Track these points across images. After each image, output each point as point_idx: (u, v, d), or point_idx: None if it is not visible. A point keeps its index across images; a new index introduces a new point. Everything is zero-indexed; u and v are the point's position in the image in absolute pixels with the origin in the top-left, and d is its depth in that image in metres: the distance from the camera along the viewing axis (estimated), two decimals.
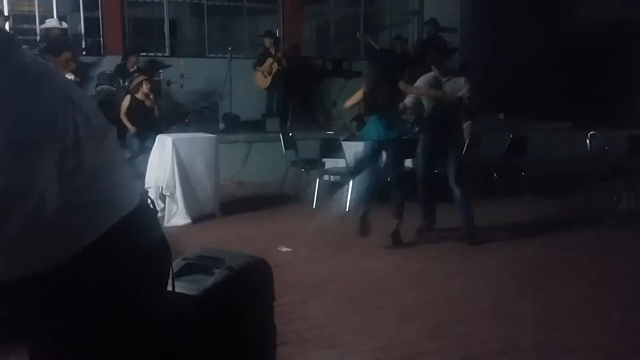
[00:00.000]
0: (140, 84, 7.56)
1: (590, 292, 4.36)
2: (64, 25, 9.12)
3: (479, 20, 11.81)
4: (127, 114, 7.55)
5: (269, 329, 2.44)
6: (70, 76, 7.79)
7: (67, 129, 1.39)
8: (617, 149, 6.85)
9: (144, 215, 1.63)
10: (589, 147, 6.27)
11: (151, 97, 7.70)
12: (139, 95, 7.53)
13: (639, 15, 11.01)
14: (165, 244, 1.70)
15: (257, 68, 10.01)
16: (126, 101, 7.62)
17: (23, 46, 1.51)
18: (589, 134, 6.34)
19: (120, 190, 1.56)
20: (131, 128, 7.52)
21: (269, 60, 9.85)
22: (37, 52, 8.79)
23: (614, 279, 4.64)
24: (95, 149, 1.46)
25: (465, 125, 7.74)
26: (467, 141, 5.79)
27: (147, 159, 6.65)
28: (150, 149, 6.73)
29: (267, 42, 10.04)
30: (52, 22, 9.01)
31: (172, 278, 1.81)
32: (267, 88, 10.03)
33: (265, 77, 9.90)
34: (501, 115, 11.23)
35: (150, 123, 7.51)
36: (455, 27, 12.19)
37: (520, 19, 10.95)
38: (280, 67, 9.87)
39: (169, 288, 1.81)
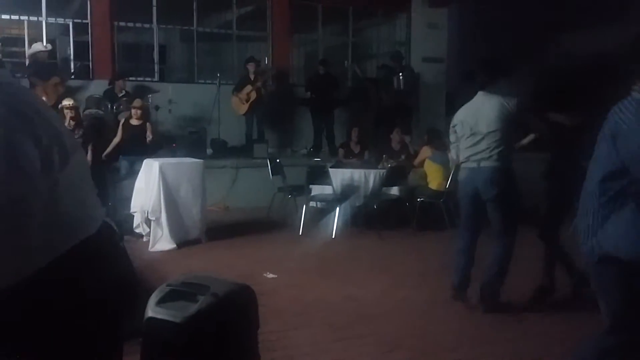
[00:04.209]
0: (134, 109, 7.67)
1: (572, 321, 4.37)
2: (49, 47, 9.16)
3: (466, 51, 12.00)
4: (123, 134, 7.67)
5: (253, 357, 2.43)
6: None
7: (51, 147, 1.41)
8: None
9: (105, 241, 1.60)
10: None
11: (148, 122, 7.80)
12: (132, 121, 7.60)
13: (616, 49, 11.25)
14: (129, 272, 1.68)
15: (235, 93, 10.02)
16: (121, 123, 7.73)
17: (2, 68, 1.51)
18: None
19: (81, 212, 1.53)
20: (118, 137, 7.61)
21: (248, 87, 9.88)
22: (26, 76, 8.89)
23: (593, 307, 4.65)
24: (62, 166, 1.46)
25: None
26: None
27: (133, 183, 6.65)
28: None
29: (250, 68, 10.05)
30: (38, 47, 9.06)
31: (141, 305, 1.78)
32: (244, 114, 10.05)
33: (243, 103, 9.94)
34: None
35: (141, 147, 7.54)
36: (442, 58, 12.41)
37: (507, 49, 11.14)
38: (258, 96, 9.90)
39: (151, 315, 1.80)
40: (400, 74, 10.62)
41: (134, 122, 7.61)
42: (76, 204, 1.52)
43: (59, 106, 7.59)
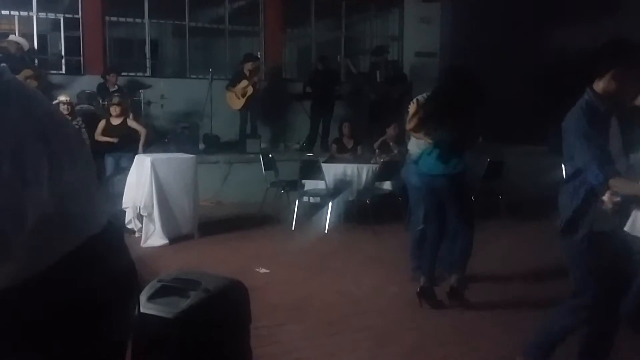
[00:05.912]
0: (112, 105, 7.70)
1: None
2: (22, 40, 9.02)
3: (459, 46, 12.01)
4: (103, 135, 7.71)
5: (245, 352, 2.43)
6: None
7: (61, 149, 1.40)
8: None
9: (111, 239, 1.60)
10: (563, 171, 6.35)
11: (130, 117, 7.77)
12: (112, 119, 7.64)
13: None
14: (132, 269, 1.67)
15: (230, 88, 9.93)
16: (102, 123, 7.76)
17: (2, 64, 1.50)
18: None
19: (87, 211, 1.53)
20: (111, 140, 7.60)
21: (244, 82, 9.81)
22: None
23: None
24: (71, 167, 1.45)
25: None
26: None
27: (125, 179, 6.63)
28: (128, 169, 6.71)
29: (248, 66, 9.91)
30: (13, 38, 8.93)
31: (139, 302, 1.79)
32: (240, 110, 10.00)
33: (239, 98, 9.88)
34: (479, 139, 11.38)
35: (125, 144, 7.53)
36: (434, 52, 12.42)
37: (499, 43, 11.16)
38: (255, 91, 9.85)
39: (142, 310, 1.79)
40: (380, 69, 10.64)
41: (114, 120, 7.65)
42: (82, 203, 1.51)
43: (54, 102, 7.57)
